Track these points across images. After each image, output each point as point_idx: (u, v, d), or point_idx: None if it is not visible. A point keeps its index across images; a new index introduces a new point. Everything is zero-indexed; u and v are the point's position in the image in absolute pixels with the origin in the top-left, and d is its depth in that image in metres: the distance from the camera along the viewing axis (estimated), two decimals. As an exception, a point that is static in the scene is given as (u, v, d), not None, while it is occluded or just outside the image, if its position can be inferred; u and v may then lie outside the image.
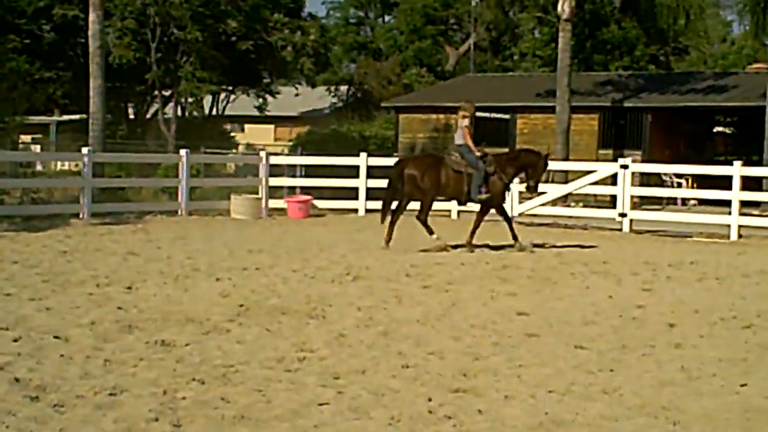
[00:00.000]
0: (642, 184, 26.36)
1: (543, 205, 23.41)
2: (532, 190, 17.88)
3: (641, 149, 33.69)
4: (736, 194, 21.12)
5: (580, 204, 26.76)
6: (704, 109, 35.53)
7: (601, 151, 34.11)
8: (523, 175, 17.39)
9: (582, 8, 37.65)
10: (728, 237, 20.93)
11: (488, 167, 16.81)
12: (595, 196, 26.87)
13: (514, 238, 17.05)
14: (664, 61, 48.21)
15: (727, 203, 21.46)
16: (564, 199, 25.61)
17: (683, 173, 29.57)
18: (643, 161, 29.47)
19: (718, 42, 50.59)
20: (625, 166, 22.55)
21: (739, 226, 21.02)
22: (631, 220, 22.32)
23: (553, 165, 24.66)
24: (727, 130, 40.29)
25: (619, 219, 22.39)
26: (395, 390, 7.27)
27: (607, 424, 6.65)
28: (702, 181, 27.86)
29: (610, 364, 8.36)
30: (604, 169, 23.69)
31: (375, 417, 6.58)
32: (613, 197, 23.27)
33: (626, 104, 35.11)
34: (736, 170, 21.29)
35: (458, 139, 17.14)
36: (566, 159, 29.74)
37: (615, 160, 25.08)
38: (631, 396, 7.33)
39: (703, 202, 27.79)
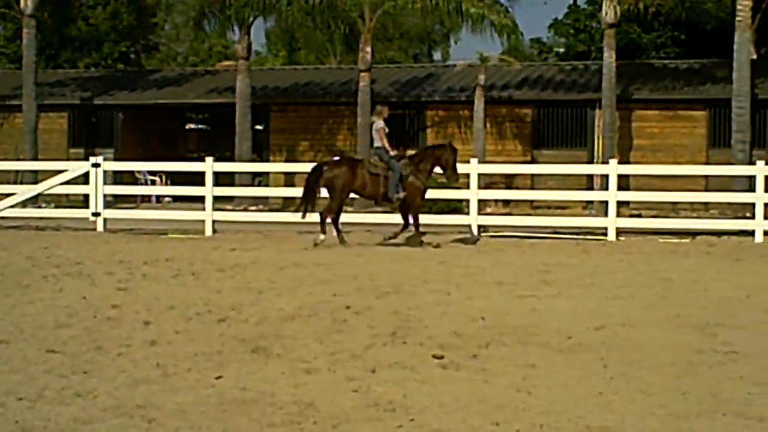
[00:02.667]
0: (115, 183, 26.02)
1: (12, 207, 22.23)
2: (452, 179, 18.39)
3: (113, 147, 33.31)
4: (209, 190, 21.41)
5: (52, 204, 25.79)
6: (176, 106, 35.88)
7: (72, 150, 33.33)
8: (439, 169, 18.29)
9: (48, 3, 36.37)
10: (204, 232, 21.15)
11: (403, 168, 17.71)
12: (68, 196, 26.12)
13: (418, 232, 18.09)
14: (134, 58, 48.05)
15: (202, 199, 21.70)
16: (35, 200, 24.54)
17: (157, 170, 29.63)
18: (115, 159, 29.19)
19: (189, 40, 51.36)
20: (96, 165, 22.00)
21: (214, 221, 21.31)
22: (105, 219, 21.86)
23: (21, 165, 23.34)
24: (200, 127, 41.08)
25: (92, 218, 21.82)
26: None
27: (81, 427, 6.25)
28: (176, 178, 28.08)
29: (83, 366, 7.92)
30: (76, 168, 22.99)
31: None
32: (86, 196, 22.65)
33: (97, 102, 34.54)
34: (209, 167, 21.58)
35: (376, 142, 18.11)
36: (35, 159, 28.62)
37: (87, 158, 24.48)
38: (106, 397, 6.96)
39: (177, 198, 28.00)
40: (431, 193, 21.39)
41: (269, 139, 33.00)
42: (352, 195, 18.72)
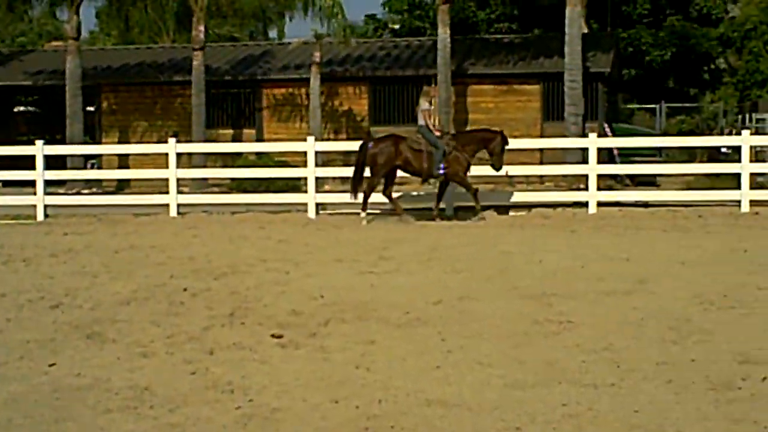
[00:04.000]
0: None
1: None
2: (497, 168, 18.49)
3: None
4: (40, 174, 20.73)
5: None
6: (3, 88, 34.56)
7: None
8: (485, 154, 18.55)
9: None
10: (36, 217, 20.44)
11: (446, 146, 18.05)
12: None
13: (476, 203, 18.33)
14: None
15: (33, 183, 21.00)
16: None
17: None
18: (-61, 144, 27.85)
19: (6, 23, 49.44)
20: None
21: (46, 206, 20.64)
22: (-72, 207, 20.91)
23: None
24: (30, 110, 39.72)
25: None
26: None
27: None
28: (5, 162, 27.05)
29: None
30: None
31: None
32: None
33: None
34: (39, 150, 20.89)
35: (420, 121, 18.49)
36: None
37: None
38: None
39: (7, 183, 27.00)
40: (270, 172, 21.23)
41: (101, 120, 32.14)
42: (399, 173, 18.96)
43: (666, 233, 15.78)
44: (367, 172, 18.56)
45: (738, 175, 19.23)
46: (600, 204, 19.38)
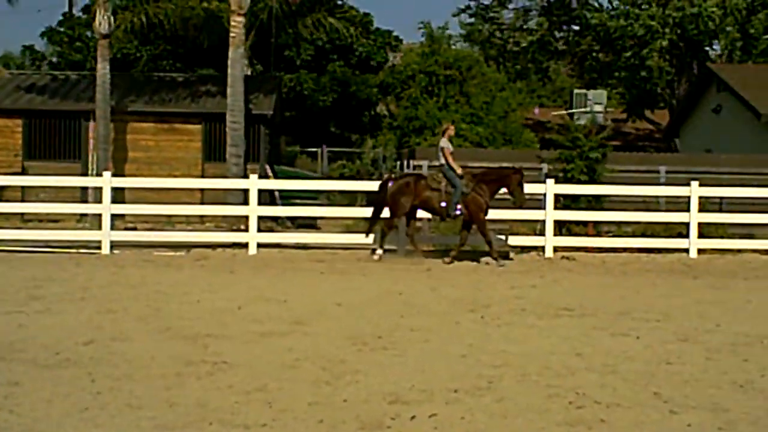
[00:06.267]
0: None
1: None
2: (518, 201, 18.15)
3: None
4: None
5: None
6: None
7: None
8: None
9: None
10: None
11: (464, 186, 17.88)
12: None
13: (490, 250, 18.01)
14: None
15: None
16: None
17: None
18: None
19: None
20: None
21: None
22: None
23: None
24: None
25: None
26: None
27: None
28: None
29: None
30: None
31: None
32: None
33: None
34: None
35: (441, 160, 18.20)
36: None
37: None
38: None
39: None
40: None
41: None
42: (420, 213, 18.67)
43: (324, 275, 16.04)
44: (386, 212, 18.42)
45: (393, 220, 19.90)
46: (260, 245, 19.48)
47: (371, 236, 18.74)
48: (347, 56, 44.19)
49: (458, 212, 18.17)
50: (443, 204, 18.12)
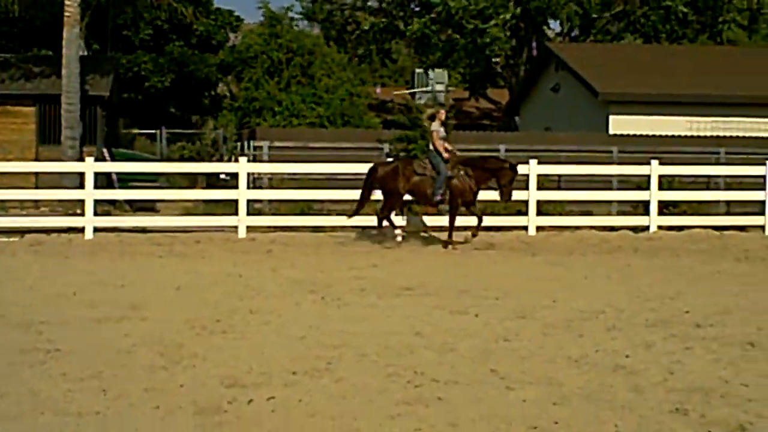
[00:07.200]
0: None
1: None
2: (505, 199, 17.97)
3: None
4: None
5: None
6: None
7: None
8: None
9: None
10: None
11: (450, 171, 17.51)
12: None
13: (449, 237, 17.80)
14: None
15: None
16: None
17: None
18: None
19: None
20: None
21: None
22: None
23: None
24: None
25: None
26: None
27: None
28: None
29: None
30: None
31: None
32: None
33: None
34: None
35: (430, 144, 18.06)
36: None
37: None
38: None
39: None
40: None
41: None
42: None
43: (162, 259, 15.79)
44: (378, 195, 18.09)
45: (236, 202, 19.74)
46: (97, 230, 19.04)
47: (353, 219, 18.42)
48: (187, 36, 43.53)
49: (439, 198, 17.85)
50: (429, 190, 17.84)
